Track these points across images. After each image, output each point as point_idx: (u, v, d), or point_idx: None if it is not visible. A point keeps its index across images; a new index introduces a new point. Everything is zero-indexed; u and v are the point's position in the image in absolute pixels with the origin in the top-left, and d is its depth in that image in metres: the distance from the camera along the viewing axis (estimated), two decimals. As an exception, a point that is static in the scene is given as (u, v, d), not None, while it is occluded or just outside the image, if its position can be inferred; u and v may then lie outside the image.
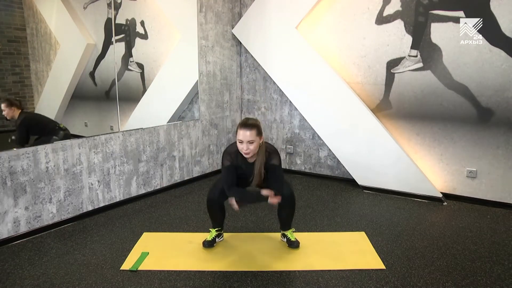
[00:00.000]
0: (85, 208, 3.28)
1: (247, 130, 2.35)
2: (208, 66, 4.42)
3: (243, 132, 2.35)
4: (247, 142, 2.35)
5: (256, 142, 2.38)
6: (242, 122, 2.40)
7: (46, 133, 3.17)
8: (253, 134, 2.35)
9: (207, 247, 2.71)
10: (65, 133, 3.23)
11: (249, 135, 2.34)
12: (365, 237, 2.90)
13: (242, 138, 2.36)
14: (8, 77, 2.95)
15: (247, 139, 2.35)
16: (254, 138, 2.36)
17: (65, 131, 3.23)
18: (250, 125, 2.36)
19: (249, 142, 2.35)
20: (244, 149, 2.37)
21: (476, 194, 3.63)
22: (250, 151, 2.37)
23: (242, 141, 2.36)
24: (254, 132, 2.36)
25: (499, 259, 2.56)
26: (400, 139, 3.92)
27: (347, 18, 4.01)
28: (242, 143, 2.37)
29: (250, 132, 2.34)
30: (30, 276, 2.35)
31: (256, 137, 2.37)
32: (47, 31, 3.21)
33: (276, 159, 2.49)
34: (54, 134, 3.16)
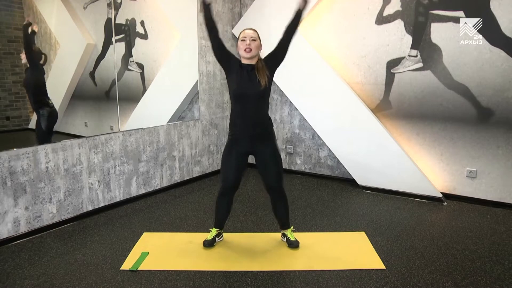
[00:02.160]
0: (85, 208, 3.28)
1: (250, 29, 2.49)
2: (208, 66, 4.41)
3: (246, 30, 2.48)
4: (249, 38, 2.43)
5: (257, 42, 2.47)
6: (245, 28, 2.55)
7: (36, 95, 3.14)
8: (255, 33, 2.48)
9: (207, 246, 2.71)
10: (51, 109, 3.20)
11: (252, 33, 2.46)
12: (365, 237, 2.90)
13: (245, 35, 2.45)
14: (8, 77, 2.95)
15: (249, 36, 2.44)
16: (256, 37, 2.47)
17: (52, 108, 3.20)
18: (252, 28, 2.52)
19: (252, 38, 2.44)
20: (246, 44, 2.43)
21: (476, 194, 3.63)
22: (252, 48, 2.44)
23: (245, 38, 2.44)
24: (257, 34, 2.49)
25: (499, 259, 2.56)
26: (400, 139, 3.92)
27: (347, 18, 4.01)
28: (244, 40, 2.44)
29: (253, 31, 2.48)
30: (30, 276, 2.35)
31: (257, 37, 2.48)
32: (47, 31, 3.21)
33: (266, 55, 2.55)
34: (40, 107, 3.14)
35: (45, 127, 3.15)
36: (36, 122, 3.13)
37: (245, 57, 2.47)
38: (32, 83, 3.10)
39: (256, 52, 2.47)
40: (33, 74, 3.07)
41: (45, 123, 3.13)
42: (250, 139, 2.53)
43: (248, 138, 2.53)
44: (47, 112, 3.16)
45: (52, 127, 3.19)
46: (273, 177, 2.57)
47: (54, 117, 3.20)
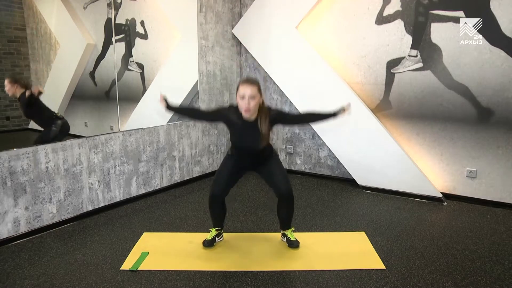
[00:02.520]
0: (85, 208, 3.28)
1: (249, 85, 2.33)
2: (208, 66, 4.42)
3: (245, 86, 2.32)
4: (248, 97, 2.31)
5: (257, 99, 2.35)
6: (244, 78, 2.41)
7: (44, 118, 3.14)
8: (254, 89, 2.32)
9: (207, 246, 2.71)
10: (62, 122, 3.19)
11: (251, 90, 2.31)
12: (365, 237, 2.90)
13: (243, 92, 2.31)
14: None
15: (248, 93, 2.30)
16: (255, 93, 2.32)
17: (62, 120, 3.20)
18: (251, 81, 2.36)
19: (251, 97, 2.31)
20: (245, 104, 2.32)
21: (476, 194, 3.63)
22: (251, 107, 2.33)
23: (243, 96, 2.32)
24: (256, 88, 2.33)
25: (499, 259, 2.56)
26: (400, 139, 3.92)
27: (347, 18, 4.01)
28: (243, 98, 2.32)
29: (252, 87, 2.32)
30: (30, 276, 2.35)
31: (257, 93, 2.34)
32: (47, 31, 3.21)
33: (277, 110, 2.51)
34: (51, 123, 3.14)
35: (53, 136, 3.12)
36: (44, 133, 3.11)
37: (245, 116, 2.40)
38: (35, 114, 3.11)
39: (255, 109, 2.38)
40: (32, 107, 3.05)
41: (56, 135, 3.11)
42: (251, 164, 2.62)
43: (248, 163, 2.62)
44: (60, 126, 3.17)
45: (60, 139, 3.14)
46: (283, 184, 2.57)
47: (67, 129, 3.18)
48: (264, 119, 2.39)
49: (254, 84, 2.34)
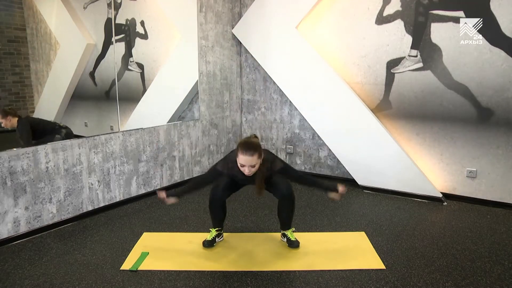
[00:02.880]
0: (85, 208, 3.28)
1: (248, 155, 2.31)
2: (208, 66, 4.42)
3: (245, 158, 2.32)
4: (248, 166, 2.35)
5: (257, 164, 2.37)
6: (243, 146, 2.35)
7: (48, 133, 3.16)
8: (254, 159, 2.33)
9: (207, 246, 2.71)
10: (66, 131, 3.22)
11: (250, 160, 2.32)
12: (365, 237, 2.90)
13: (244, 163, 2.34)
14: (8, 77, 2.95)
15: (249, 164, 2.33)
16: (256, 162, 2.34)
17: (67, 129, 3.23)
18: (251, 150, 2.32)
19: (251, 166, 2.35)
20: (246, 172, 2.37)
21: (476, 194, 3.63)
22: (252, 173, 2.39)
23: (243, 165, 2.35)
24: (256, 156, 2.33)
25: (499, 259, 2.56)
26: (400, 139, 3.92)
27: (347, 18, 4.01)
28: (243, 167, 2.36)
29: (252, 157, 2.32)
30: (30, 276, 2.35)
31: (257, 160, 2.36)
32: (47, 31, 3.21)
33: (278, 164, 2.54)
34: (56, 133, 3.16)
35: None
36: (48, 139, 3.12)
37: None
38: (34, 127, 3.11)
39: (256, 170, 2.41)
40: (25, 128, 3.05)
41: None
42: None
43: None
44: (64, 134, 3.18)
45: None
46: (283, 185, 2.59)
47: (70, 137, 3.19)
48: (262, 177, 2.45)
49: (254, 153, 2.32)
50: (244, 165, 2.35)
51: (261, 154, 2.39)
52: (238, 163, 2.38)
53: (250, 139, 2.46)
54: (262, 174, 2.46)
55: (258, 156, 2.36)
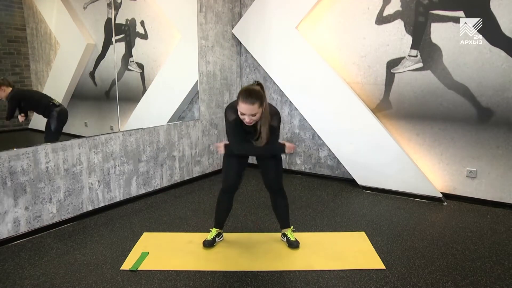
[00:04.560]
0: (85, 208, 3.28)
1: (249, 104, 2.19)
2: (208, 66, 4.41)
3: (245, 106, 2.20)
4: (249, 115, 2.23)
5: (259, 113, 2.25)
6: (244, 93, 2.22)
7: (40, 109, 3.15)
8: (255, 107, 2.20)
9: (207, 246, 2.71)
10: (60, 108, 3.19)
11: (251, 109, 2.20)
12: (365, 237, 2.90)
13: (244, 111, 2.22)
14: (8, 77, 2.95)
15: (249, 113, 2.22)
16: (256, 111, 2.22)
17: (60, 107, 3.19)
18: (252, 98, 2.20)
19: (251, 114, 2.23)
20: (246, 120, 2.26)
21: (476, 194, 3.63)
22: (253, 121, 2.27)
23: (244, 114, 2.24)
24: (257, 105, 2.21)
25: (499, 259, 2.56)
26: (400, 139, 3.92)
27: (347, 18, 4.01)
28: (243, 115, 2.25)
29: (252, 106, 2.19)
30: (30, 276, 2.35)
31: (259, 109, 2.23)
32: (47, 31, 3.21)
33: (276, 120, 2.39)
34: (49, 111, 3.14)
35: (54, 128, 3.16)
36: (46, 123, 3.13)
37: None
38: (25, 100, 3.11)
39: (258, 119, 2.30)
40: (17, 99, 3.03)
41: (55, 124, 3.14)
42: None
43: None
44: (57, 112, 3.18)
45: (61, 127, 3.22)
46: (272, 178, 2.62)
47: (64, 116, 3.20)
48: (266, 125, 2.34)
49: (255, 102, 2.20)
50: (244, 114, 2.23)
51: (262, 102, 2.25)
52: (238, 111, 2.27)
53: (251, 87, 2.30)
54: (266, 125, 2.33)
55: (259, 105, 2.22)
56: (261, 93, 2.28)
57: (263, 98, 2.27)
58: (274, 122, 2.39)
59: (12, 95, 2.95)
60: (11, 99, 2.97)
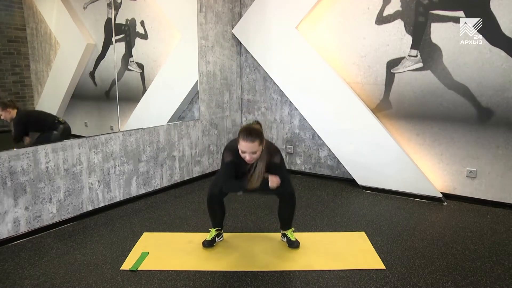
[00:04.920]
0: (85, 208, 3.28)
1: (249, 142, 2.29)
2: (208, 66, 4.41)
3: (246, 144, 2.29)
4: (249, 153, 2.32)
5: (259, 151, 2.34)
6: (245, 132, 2.32)
7: (46, 128, 3.15)
8: (256, 145, 2.30)
9: (207, 247, 2.71)
10: (64, 126, 3.20)
11: (251, 147, 2.29)
12: (365, 237, 2.90)
13: (244, 149, 2.31)
14: (8, 77, 2.95)
15: (250, 150, 2.31)
16: (256, 149, 2.31)
17: (65, 125, 3.21)
18: (253, 136, 2.29)
19: (252, 152, 2.32)
20: (247, 158, 2.34)
21: (476, 194, 3.63)
22: (253, 159, 2.35)
23: (244, 152, 2.32)
24: (257, 143, 2.30)
25: (499, 259, 2.56)
26: (400, 139, 3.92)
27: (347, 18, 4.01)
28: (244, 153, 2.33)
29: (253, 144, 2.29)
30: (30, 276, 2.35)
31: (258, 147, 2.32)
32: (47, 31, 3.21)
33: (278, 157, 2.48)
34: (53, 129, 3.15)
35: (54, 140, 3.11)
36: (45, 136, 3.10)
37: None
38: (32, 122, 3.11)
39: (258, 157, 2.38)
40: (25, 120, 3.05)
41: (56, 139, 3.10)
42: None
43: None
44: (61, 130, 3.17)
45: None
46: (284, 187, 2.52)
47: (68, 133, 3.17)
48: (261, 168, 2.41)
49: (255, 140, 2.29)
50: (245, 152, 2.31)
51: (262, 141, 2.35)
52: (239, 149, 2.35)
53: (251, 125, 2.40)
54: (263, 164, 2.41)
55: (259, 143, 2.31)
56: (261, 131, 2.39)
57: (263, 136, 2.37)
58: (277, 159, 2.46)
59: (19, 118, 2.96)
60: (18, 123, 2.98)
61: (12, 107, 2.93)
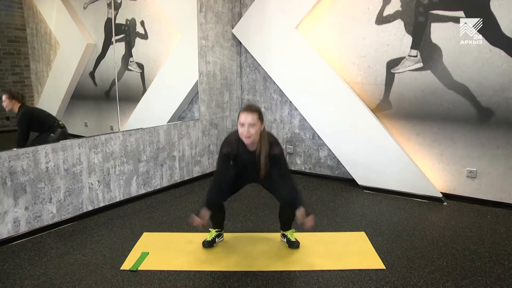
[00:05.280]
0: (85, 208, 3.28)
1: (249, 113, 2.36)
2: (208, 66, 4.41)
3: (245, 115, 2.36)
4: (248, 125, 2.35)
5: (257, 126, 2.38)
6: (246, 105, 2.47)
7: (45, 129, 3.15)
8: (254, 117, 2.36)
9: (207, 247, 2.71)
10: (62, 130, 3.20)
11: (250, 118, 2.34)
12: (365, 237, 2.90)
13: (243, 120, 2.36)
14: (8, 77, 2.95)
15: (248, 121, 2.34)
16: (255, 121, 2.36)
17: (63, 129, 3.21)
18: (252, 109, 2.38)
19: (251, 125, 2.35)
20: (245, 132, 2.36)
21: (476, 194, 3.63)
22: (251, 135, 2.36)
23: (243, 123, 2.36)
24: (256, 115, 2.37)
25: (499, 259, 2.56)
26: (400, 139, 3.92)
27: (347, 18, 4.01)
28: (243, 126, 2.36)
29: (252, 115, 2.35)
30: (30, 276, 2.35)
31: (257, 120, 2.37)
32: (47, 31, 3.21)
33: (278, 148, 2.47)
34: (52, 131, 3.15)
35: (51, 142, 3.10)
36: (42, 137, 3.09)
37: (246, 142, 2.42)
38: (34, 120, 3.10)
39: (255, 137, 2.40)
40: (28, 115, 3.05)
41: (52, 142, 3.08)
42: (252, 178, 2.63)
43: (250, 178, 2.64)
44: (58, 133, 3.17)
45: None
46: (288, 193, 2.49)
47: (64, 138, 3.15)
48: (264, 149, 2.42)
49: (254, 112, 2.37)
50: (244, 124, 2.35)
51: (261, 117, 2.42)
52: (238, 124, 2.40)
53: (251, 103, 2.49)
54: (265, 149, 2.42)
55: (258, 117, 2.38)
56: (260, 109, 2.46)
57: (262, 115, 2.45)
58: (276, 151, 2.46)
59: (22, 113, 2.98)
60: (22, 119, 3.00)
61: (18, 100, 2.95)
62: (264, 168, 2.46)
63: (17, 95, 2.95)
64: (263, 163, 2.44)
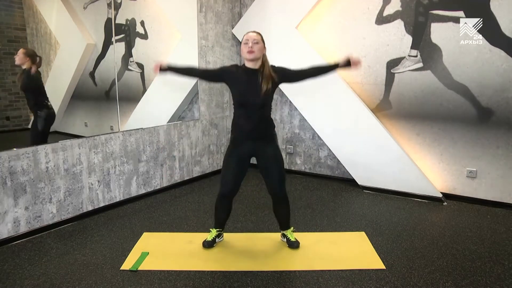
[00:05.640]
0: (85, 208, 3.28)
1: (253, 32, 2.47)
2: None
3: (250, 33, 2.45)
4: (252, 41, 2.41)
5: (260, 44, 2.45)
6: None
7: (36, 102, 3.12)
8: (258, 37, 2.45)
9: (207, 247, 2.71)
10: (50, 111, 3.18)
11: (255, 35, 2.44)
12: (365, 237, 2.90)
13: (247, 38, 2.44)
14: (8, 77, 2.95)
15: (252, 38, 2.42)
16: (259, 40, 2.44)
17: (50, 110, 3.18)
18: (256, 31, 2.50)
19: (254, 41, 2.41)
20: (248, 46, 2.41)
21: (476, 194, 3.63)
22: (254, 49, 2.41)
23: (247, 40, 2.43)
24: (260, 36, 2.47)
25: (499, 259, 2.56)
26: (400, 139, 3.92)
27: (347, 18, 4.01)
28: (247, 43, 2.42)
29: (256, 34, 2.45)
30: (30, 276, 2.35)
31: (260, 40, 2.45)
32: (47, 31, 3.21)
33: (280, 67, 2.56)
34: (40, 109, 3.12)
35: (41, 128, 3.13)
36: (33, 122, 3.12)
37: (248, 59, 2.46)
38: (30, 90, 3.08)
39: (259, 54, 2.44)
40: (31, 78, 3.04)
41: (41, 125, 3.11)
42: (252, 140, 2.54)
43: (250, 139, 2.55)
44: (45, 114, 3.15)
45: (48, 129, 3.17)
46: (276, 183, 2.56)
47: (51, 119, 3.18)
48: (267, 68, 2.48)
49: (258, 33, 2.48)
50: (248, 41, 2.42)
51: (264, 41, 2.49)
52: (242, 45, 2.47)
53: None
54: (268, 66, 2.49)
55: (261, 39, 2.47)
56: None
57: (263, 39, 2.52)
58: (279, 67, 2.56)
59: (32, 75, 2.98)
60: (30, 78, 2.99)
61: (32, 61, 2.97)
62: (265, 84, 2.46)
63: (34, 56, 2.96)
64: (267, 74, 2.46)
